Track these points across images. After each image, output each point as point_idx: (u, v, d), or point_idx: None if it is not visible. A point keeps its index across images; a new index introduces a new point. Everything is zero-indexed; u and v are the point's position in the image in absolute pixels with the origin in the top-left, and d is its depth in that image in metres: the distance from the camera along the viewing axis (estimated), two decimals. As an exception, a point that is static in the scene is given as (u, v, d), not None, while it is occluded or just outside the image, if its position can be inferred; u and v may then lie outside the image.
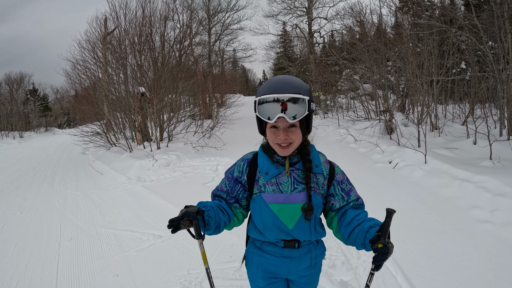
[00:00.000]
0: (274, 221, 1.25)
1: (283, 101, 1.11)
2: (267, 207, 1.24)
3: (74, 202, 5.34)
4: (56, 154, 12.01)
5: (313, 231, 1.27)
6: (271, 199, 1.24)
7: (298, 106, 1.12)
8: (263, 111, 1.15)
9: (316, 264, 1.37)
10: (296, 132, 1.18)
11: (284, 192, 1.23)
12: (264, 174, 1.26)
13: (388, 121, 8.09)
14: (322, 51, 19.05)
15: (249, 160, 1.32)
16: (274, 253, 1.32)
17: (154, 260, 3.09)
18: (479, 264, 2.64)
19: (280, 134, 1.17)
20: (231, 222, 1.33)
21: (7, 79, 29.46)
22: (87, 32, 13.24)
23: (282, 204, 1.23)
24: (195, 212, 1.11)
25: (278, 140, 1.18)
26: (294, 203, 1.23)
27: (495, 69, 6.11)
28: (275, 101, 1.12)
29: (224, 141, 9.85)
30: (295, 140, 1.19)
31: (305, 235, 1.27)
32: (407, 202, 4.10)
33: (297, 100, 1.12)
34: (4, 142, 20.73)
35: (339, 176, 1.30)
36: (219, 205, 1.30)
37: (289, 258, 1.31)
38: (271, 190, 1.24)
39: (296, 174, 1.25)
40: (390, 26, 11.80)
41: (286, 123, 1.16)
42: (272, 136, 1.20)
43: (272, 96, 1.12)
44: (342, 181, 1.30)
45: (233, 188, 1.32)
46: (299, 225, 1.25)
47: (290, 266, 1.32)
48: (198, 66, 14.44)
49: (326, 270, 2.65)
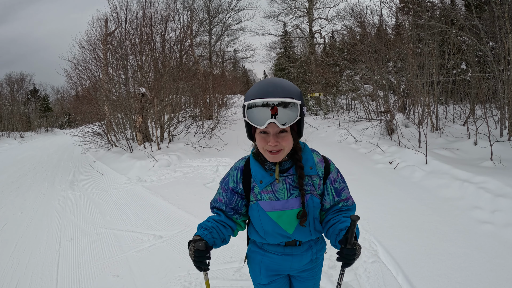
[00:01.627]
0: (274, 227, 1.25)
1: (273, 105, 1.06)
2: (265, 214, 1.24)
3: (75, 202, 5.34)
4: (57, 155, 12.03)
5: (312, 231, 1.28)
6: (269, 207, 1.22)
7: (289, 111, 1.08)
8: (252, 116, 1.09)
9: (317, 258, 1.38)
10: (287, 138, 1.14)
11: (281, 199, 1.22)
12: (258, 182, 1.24)
13: (388, 121, 8.08)
14: (323, 51, 19.04)
15: (241, 169, 1.30)
16: (276, 252, 1.33)
17: (154, 261, 3.09)
18: (479, 265, 2.63)
19: (270, 140, 1.12)
20: (235, 231, 1.35)
21: (8, 80, 29.52)
22: (87, 33, 13.27)
23: (280, 211, 1.22)
24: (203, 248, 1.12)
25: (268, 146, 1.14)
26: (292, 209, 1.22)
27: (496, 69, 6.10)
28: (264, 105, 1.06)
29: (224, 141, 9.85)
30: (285, 147, 1.15)
31: (306, 236, 1.28)
32: (407, 202, 4.09)
33: (287, 104, 1.07)
34: (4, 142, 20.77)
35: (333, 174, 1.28)
36: (219, 221, 1.29)
37: (291, 256, 1.32)
38: (268, 198, 1.23)
39: (290, 179, 1.23)
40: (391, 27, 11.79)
41: (276, 129, 1.11)
42: (262, 142, 1.15)
43: (262, 101, 1.07)
44: (336, 179, 1.28)
45: (230, 199, 1.31)
46: (299, 229, 1.25)
47: (292, 263, 1.34)
48: (199, 67, 14.45)
49: (326, 271, 2.65)
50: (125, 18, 10.83)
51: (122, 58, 10.37)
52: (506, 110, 5.98)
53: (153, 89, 9.01)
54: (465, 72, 8.39)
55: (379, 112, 9.53)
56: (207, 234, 1.20)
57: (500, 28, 6.11)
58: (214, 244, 1.22)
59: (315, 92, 14.71)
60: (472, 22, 6.64)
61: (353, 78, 12.14)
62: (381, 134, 8.06)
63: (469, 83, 8.25)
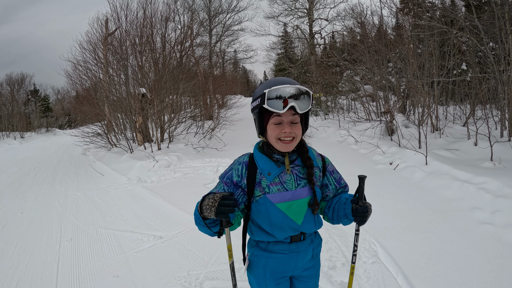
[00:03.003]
0: (284, 219, 1.26)
1: (285, 98, 1.15)
2: (274, 207, 1.25)
3: (75, 202, 5.34)
4: (57, 155, 12.03)
5: (316, 222, 1.35)
6: (278, 198, 1.25)
7: (300, 102, 1.17)
8: (270, 104, 1.16)
9: (317, 254, 1.43)
10: (298, 127, 1.23)
11: (290, 190, 1.26)
12: (266, 175, 1.26)
13: (389, 122, 8.08)
14: (323, 52, 19.04)
15: (246, 163, 1.30)
16: (282, 251, 1.33)
17: (154, 261, 3.09)
18: (480, 265, 2.63)
19: (285, 127, 1.19)
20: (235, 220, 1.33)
21: (8, 80, 29.52)
22: (88, 33, 13.33)
23: (289, 201, 1.26)
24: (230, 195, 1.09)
25: (282, 134, 1.20)
26: (300, 198, 1.27)
27: (496, 70, 6.10)
28: (277, 97, 1.15)
29: (224, 142, 9.85)
30: (297, 135, 1.23)
31: (312, 227, 1.33)
32: (407, 203, 4.09)
33: (299, 97, 1.16)
34: (5, 142, 20.78)
35: (330, 166, 1.40)
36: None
37: (297, 252, 1.34)
38: (276, 189, 1.25)
39: (297, 170, 1.29)
40: (391, 27, 11.79)
41: (290, 117, 1.20)
42: (275, 130, 1.21)
43: (283, 87, 1.15)
44: (333, 171, 1.41)
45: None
46: (306, 219, 1.30)
47: (298, 260, 1.35)
48: (199, 67, 14.45)
49: (326, 272, 2.65)
50: (126, 19, 10.85)
51: (123, 58, 10.38)
52: (506, 111, 5.98)
53: (153, 89, 9.01)
54: (465, 72, 8.40)
55: (379, 113, 9.53)
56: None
57: (500, 28, 6.12)
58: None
59: (315, 93, 14.69)
60: (472, 22, 6.64)
61: (353, 78, 12.14)
62: (381, 134, 8.06)
63: (469, 84, 8.24)
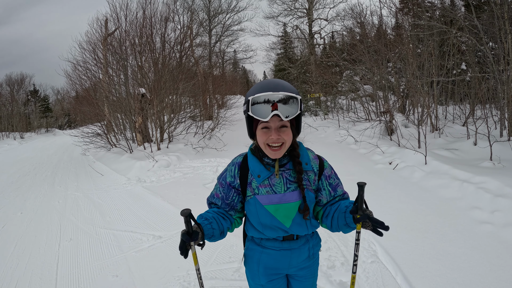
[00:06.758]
0: (272, 221, 1.27)
1: (273, 102, 1.12)
2: (263, 208, 1.26)
3: (74, 202, 5.34)
4: (57, 155, 12.03)
5: (309, 225, 1.32)
6: (266, 200, 1.25)
7: (289, 107, 1.14)
8: (255, 111, 1.15)
9: (314, 254, 1.41)
10: (287, 133, 1.20)
11: (278, 193, 1.25)
12: (256, 177, 1.27)
13: (388, 122, 8.09)
14: (323, 52, 19.07)
15: (239, 164, 1.33)
16: (274, 247, 1.34)
17: (153, 261, 3.09)
18: (479, 265, 2.63)
19: (272, 134, 1.17)
20: (233, 225, 1.36)
21: (8, 80, 29.54)
22: (87, 33, 13.34)
23: (277, 204, 1.25)
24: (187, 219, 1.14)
25: (269, 140, 1.18)
26: (288, 202, 1.25)
27: (496, 70, 6.11)
28: (265, 102, 1.12)
29: (224, 142, 9.85)
30: (286, 141, 1.20)
31: (303, 230, 1.31)
32: (407, 203, 4.10)
33: (287, 101, 1.13)
34: (4, 143, 20.77)
35: (327, 170, 1.34)
36: (219, 212, 1.32)
37: (290, 250, 1.34)
38: (265, 192, 1.26)
39: (287, 174, 1.27)
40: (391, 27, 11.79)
41: (277, 123, 1.17)
42: (263, 136, 1.20)
43: (267, 94, 1.12)
44: (330, 175, 1.34)
45: (227, 194, 1.33)
46: (295, 222, 1.28)
47: (291, 259, 1.35)
48: (199, 67, 14.46)
49: (325, 271, 2.65)
50: (125, 19, 10.87)
51: (122, 58, 10.38)
52: (505, 110, 5.98)
53: (153, 89, 9.01)
54: (465, 72, 8.41)
55: (379, 113, 9.53)
56: (207, 224, 1.22)
57: (499, 28, 6.12)
58: (212, 235, 1.23)
59: (315, 93, 14.70)
60: (472, 22, 6.65)
61: (353, 78, 12.16)
62: (381, 134, 8.07)
63: (468, 84, 8.25)
